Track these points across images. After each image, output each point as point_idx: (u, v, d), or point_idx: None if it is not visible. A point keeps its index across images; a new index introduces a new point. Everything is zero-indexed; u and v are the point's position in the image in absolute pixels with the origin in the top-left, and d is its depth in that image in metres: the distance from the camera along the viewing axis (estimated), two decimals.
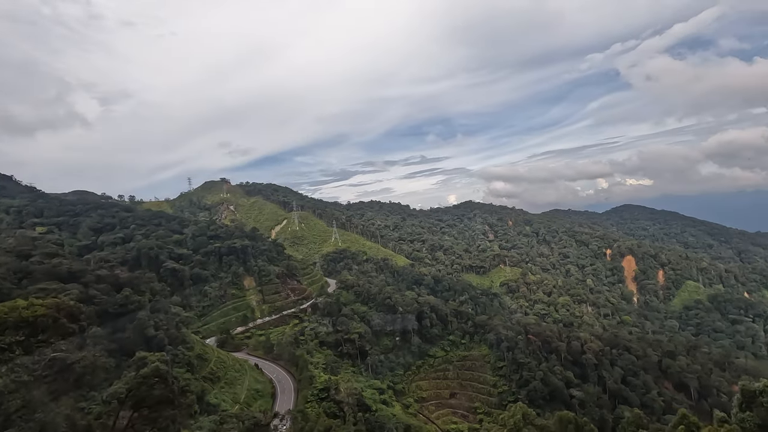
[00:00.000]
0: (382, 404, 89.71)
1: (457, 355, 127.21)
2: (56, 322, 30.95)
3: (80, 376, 23.91)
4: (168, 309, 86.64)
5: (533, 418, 37.96)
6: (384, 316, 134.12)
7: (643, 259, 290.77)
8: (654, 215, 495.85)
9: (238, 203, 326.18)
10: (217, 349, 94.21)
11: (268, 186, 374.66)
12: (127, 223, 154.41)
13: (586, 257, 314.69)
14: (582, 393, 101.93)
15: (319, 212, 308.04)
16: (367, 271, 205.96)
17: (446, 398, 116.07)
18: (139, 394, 23.72)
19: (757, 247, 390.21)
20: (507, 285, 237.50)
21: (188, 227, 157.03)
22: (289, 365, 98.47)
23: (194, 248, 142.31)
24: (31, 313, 30.09)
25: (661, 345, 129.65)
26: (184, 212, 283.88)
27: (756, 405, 25.78)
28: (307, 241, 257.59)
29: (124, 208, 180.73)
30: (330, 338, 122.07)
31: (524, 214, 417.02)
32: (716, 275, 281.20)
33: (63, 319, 32.30)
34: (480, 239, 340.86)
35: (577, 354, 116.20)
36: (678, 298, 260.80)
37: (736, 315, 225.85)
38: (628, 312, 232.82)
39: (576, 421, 34.21)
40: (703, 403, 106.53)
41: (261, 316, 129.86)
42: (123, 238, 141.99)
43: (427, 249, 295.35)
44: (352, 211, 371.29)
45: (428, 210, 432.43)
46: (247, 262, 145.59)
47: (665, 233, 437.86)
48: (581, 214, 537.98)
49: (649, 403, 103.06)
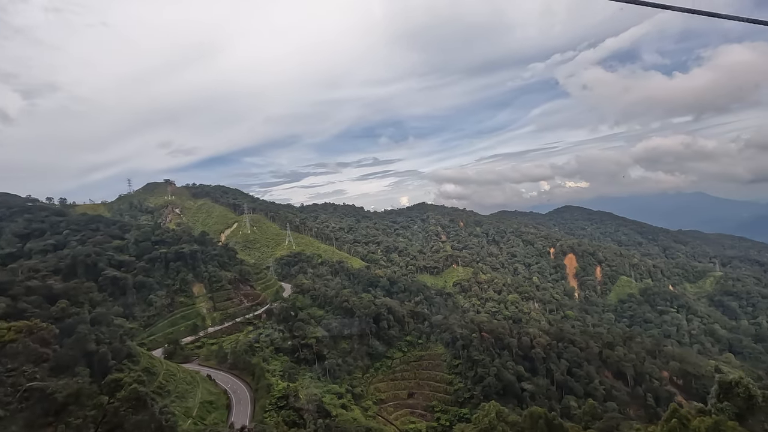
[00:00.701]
0: (341, 409, 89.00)
1: (414, 356, 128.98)
2: (27, 347, 27.54)
3: (63, 405, 21.43)
4: (110, 321, 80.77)
5: (506, 416, 39.44)
6: (341, 319, 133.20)
7: (583, 257, 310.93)
8: (591, 216, 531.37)
9: (184, 206, 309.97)
10: (165, 361, 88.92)
11: (217, 188, 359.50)
12: (59, 229, 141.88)
13: (532, 256, 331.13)
14: (532, 386, 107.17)
15: (272, 215, 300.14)
16: (323, 274, 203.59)
17: (404, 398, 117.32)
18: (116, 421, 21.65)
19: (679, 244, 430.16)
20: (460, 284, 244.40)
21: (130, 232, 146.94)
22: (245, 374, 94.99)
23: (137, 254, 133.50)
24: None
25: (602, 337, 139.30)
26: (123, 216, 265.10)
27: (732, 396, 28.45)
28: (260, 245, 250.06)
29: (55, 212, 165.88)
30: (286, 344, 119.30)
31: (475, 216, 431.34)
32: (646, 270, 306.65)
33: (34, 344, 28.84)
34: (433, 240, 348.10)
35: (527, 349, 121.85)
36: (613, 293, 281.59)
37: (663, 306, 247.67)
38: (571, 307, 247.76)
39: (546, 416, 36.11)
40: (638, 389, 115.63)
41: (212, 325, 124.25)
42: (55, 245, 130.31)
43: (382, 251, 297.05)
44: (306, 214, 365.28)
45: (382, 212, 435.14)
46: (197, 268, 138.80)
47: (601, 232, 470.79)
48: (527, 215, 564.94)
49: (592, 392, 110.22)
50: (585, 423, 43.96)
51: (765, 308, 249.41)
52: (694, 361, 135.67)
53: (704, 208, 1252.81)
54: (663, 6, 7.96)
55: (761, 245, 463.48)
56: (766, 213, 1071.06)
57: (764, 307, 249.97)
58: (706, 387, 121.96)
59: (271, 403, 78.06)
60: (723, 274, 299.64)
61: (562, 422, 36.88)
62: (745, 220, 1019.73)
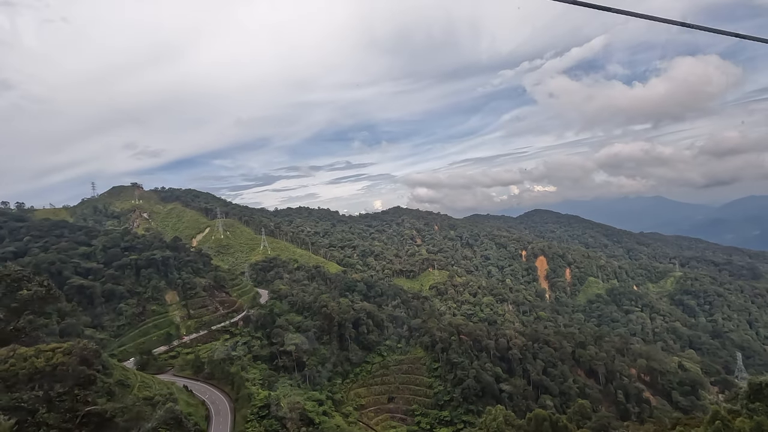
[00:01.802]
0: (324, 416, 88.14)
1: (393, 360, 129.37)
2: (75, 369, 25.89)
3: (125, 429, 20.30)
4: (81, 332, 77.14)
5: (512, 420, 40.39)
6: (320, 325, 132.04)
7: (553, 259, 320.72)
8: (559, 219, 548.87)
9: (153, 210, 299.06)
10: (139, 372, 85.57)
11: (188, 192, 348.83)
12: (19, 235, 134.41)
13: (504, 259, 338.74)
14: (510, 387, 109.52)
15: (246, 219, 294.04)
16: (299, 279, 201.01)
17: (385, 403, 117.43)
18: None
19: (642, 246, 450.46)
20: (436, 288, 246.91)
21: (98, 238, 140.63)
22: (223, 384, 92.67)
23: (105, 261, 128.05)
24: (44, 361, 24.90)
25: (574, 337, 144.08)
26: (87, 221, 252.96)
27: (763, 396, 30.18)
28: (234, 250, 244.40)
29: (14, 217, 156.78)
30: (264, 351, 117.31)
31: (449, 219, 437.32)
32: (612, 271, 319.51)
33: (82, 366, 27.13)
34: (408, 244, 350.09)
35: (504, 350, 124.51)
36: (582, 294, 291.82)
37: (628, 306, 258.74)
38: (543, 308, 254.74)
39: (550, 418, 37.18)
40: (609, 386, 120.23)
41: (187, 333, 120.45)
42: (15, 252, 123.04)
43: (359, 255, 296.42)
44: (281, 218, 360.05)
45: (357, 216, 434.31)
46: (169, 274, 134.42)
47: (569, 235, 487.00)
48: (499, 218, 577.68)
49: (567, 390, 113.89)
50: (576, 422, 45.60)
51: (720, 306, 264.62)
52: (659, 358, 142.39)
53: (663, 211, 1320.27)
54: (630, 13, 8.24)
55: (715, 246, 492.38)
56: (718, 216, 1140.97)
57: (720, 305, 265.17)
58: (671, 383, 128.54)
59: (253, 413, 76.51)
60: (682, 274, 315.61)
61: (567, 424, 38.17)
62: (699, 222, 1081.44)
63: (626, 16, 8.51)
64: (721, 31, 8.59)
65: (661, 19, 8.41)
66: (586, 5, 8.08)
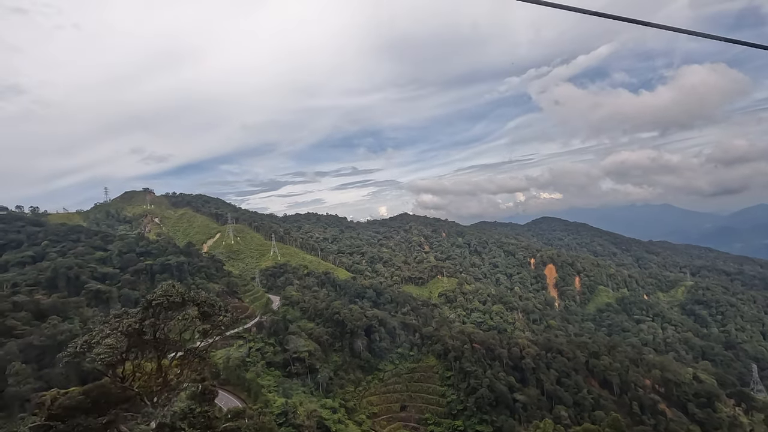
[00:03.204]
0: (340, 424, 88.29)
1: (406, 368, 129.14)
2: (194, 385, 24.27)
3: None
4: None
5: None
6: (333, 332, 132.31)
7: (562, 267, 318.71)
8: (567, 226, 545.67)
9: (164, 215, 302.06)
10: None
11: (198, 197, 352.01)
12: (36, 239, 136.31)
13: (513, 266, 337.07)
14: (524, 397, 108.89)
15: (256, 225, 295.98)
16: (310, 285, 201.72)
17: (397, 411, 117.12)
18: None
19: (651, 255, 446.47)
20: (445, 295, 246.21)
21: (113, 243, 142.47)
22: (238, 390, 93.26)
23: (122, 266, 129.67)
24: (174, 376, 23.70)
25: (588, 346, 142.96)
26: (100, 225, 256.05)
27: None
28: (244, 256, 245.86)
29: (32, 222, 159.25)
30: (278, 358, 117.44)
31: (456, 226, 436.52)
32: (622, 280, 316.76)
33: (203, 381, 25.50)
34: (417, 251, 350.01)
35: (517, 359, 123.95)
36: (592, 302, 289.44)
37: (639, 315, 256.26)
38: (553, 317, 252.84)
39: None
40: (624, 397, 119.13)
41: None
42: (33, 257, 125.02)
43: (367, 261, 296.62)
44: (289, 224, 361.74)
45: (365, 222, 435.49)
46: (184, 279, 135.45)
47: (577, 243, 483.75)
48: (506, 225, 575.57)
49: (581, 401, 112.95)
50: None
51: (733, 316, 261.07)
52: (673, 369, 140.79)
53: (671, 219, 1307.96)
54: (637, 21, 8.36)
55: (726, 255, 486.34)
56: (727, 224, 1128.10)
57: (732, 315, 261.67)
58: (687, 394, 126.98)
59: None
60: (693, 284, 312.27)
61: None
62: (708, 230, 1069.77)
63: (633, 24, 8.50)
64: (729, 39, 8.72)
65: (668, 27, 8.50)
66: (594, 14, 8.10)
